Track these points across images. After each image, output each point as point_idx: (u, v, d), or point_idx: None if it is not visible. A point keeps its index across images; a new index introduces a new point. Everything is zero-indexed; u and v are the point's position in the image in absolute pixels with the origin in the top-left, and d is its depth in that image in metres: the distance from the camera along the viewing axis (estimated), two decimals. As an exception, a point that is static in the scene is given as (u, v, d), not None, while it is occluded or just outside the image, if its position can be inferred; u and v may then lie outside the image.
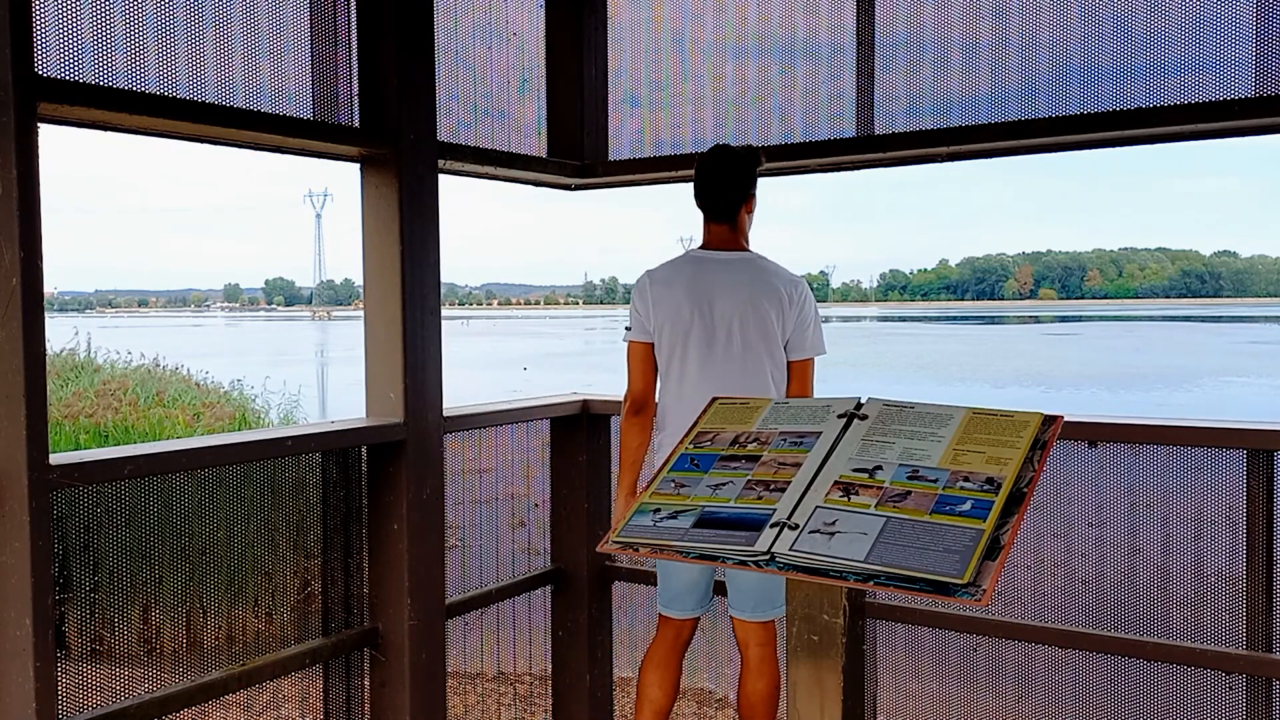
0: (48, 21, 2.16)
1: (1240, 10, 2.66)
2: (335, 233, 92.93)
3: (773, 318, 2.79)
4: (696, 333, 2.82)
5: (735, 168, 2.85)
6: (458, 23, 3.23)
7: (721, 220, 2.88)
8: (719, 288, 2.82)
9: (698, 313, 2.82)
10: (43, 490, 2.08)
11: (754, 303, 2.79)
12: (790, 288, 2.82)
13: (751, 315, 2.79)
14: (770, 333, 2.79)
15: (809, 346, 2.84)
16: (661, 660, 2.96)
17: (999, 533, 1.58)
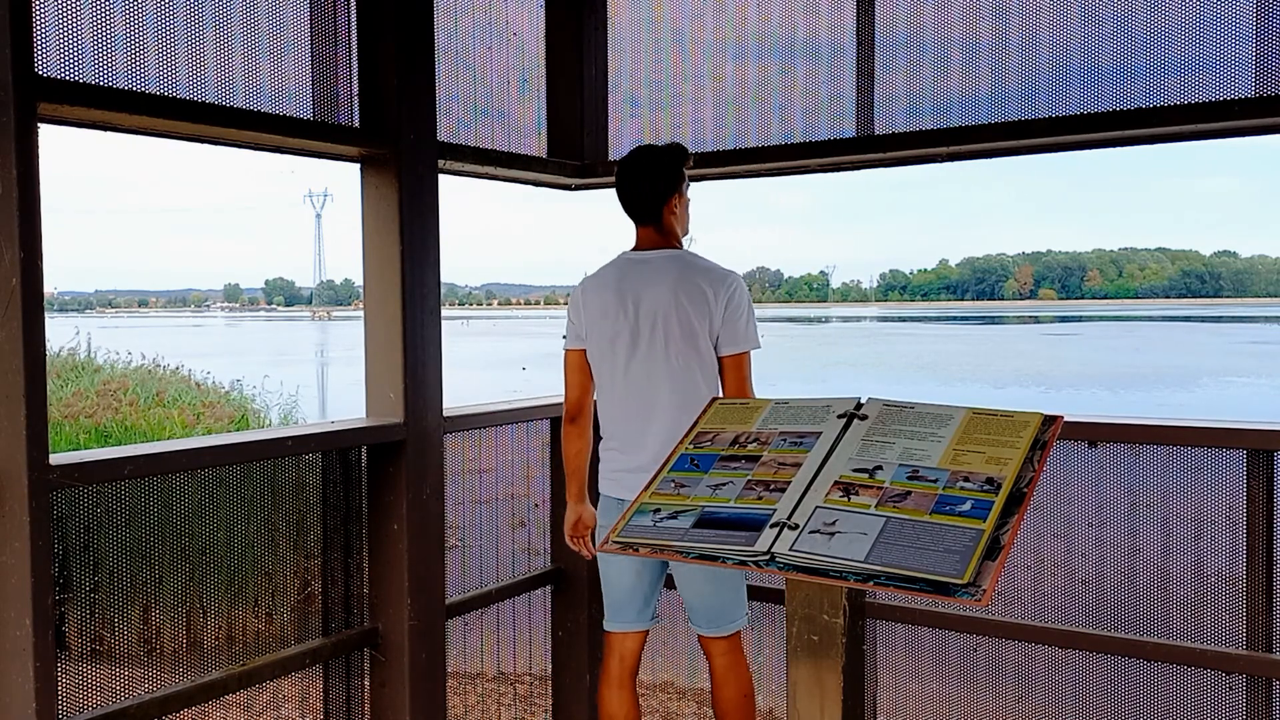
0: (48, 21, 2.16)
1: (1240, 10, 2.66)
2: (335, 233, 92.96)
3: (696, 314, 2.71)
4: (623, 336, 2.76)
5: (654, 169, 2.77)
6: (458, 23, 3.23)
7: (645, 222, 2.81)
8: (643, 288, 2.75)
9: (624, 315, 2.76)
10: (43, 490, 2.08)
11: (676, 301, 2.71)
12: (715, 282, 2.73)
13: (675, 313, 2.72)
14: (694, 330, 2.71)
15: (740, 340, 2.73)
16: (613, 679, 2.87)
17: (999, 533, 1.58)
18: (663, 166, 2.77)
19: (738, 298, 2.74)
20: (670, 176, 2.78)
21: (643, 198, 2.78)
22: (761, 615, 3.39)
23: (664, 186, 2.77)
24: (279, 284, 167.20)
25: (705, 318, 2.71)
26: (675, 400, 2.72)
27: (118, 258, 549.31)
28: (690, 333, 2.71)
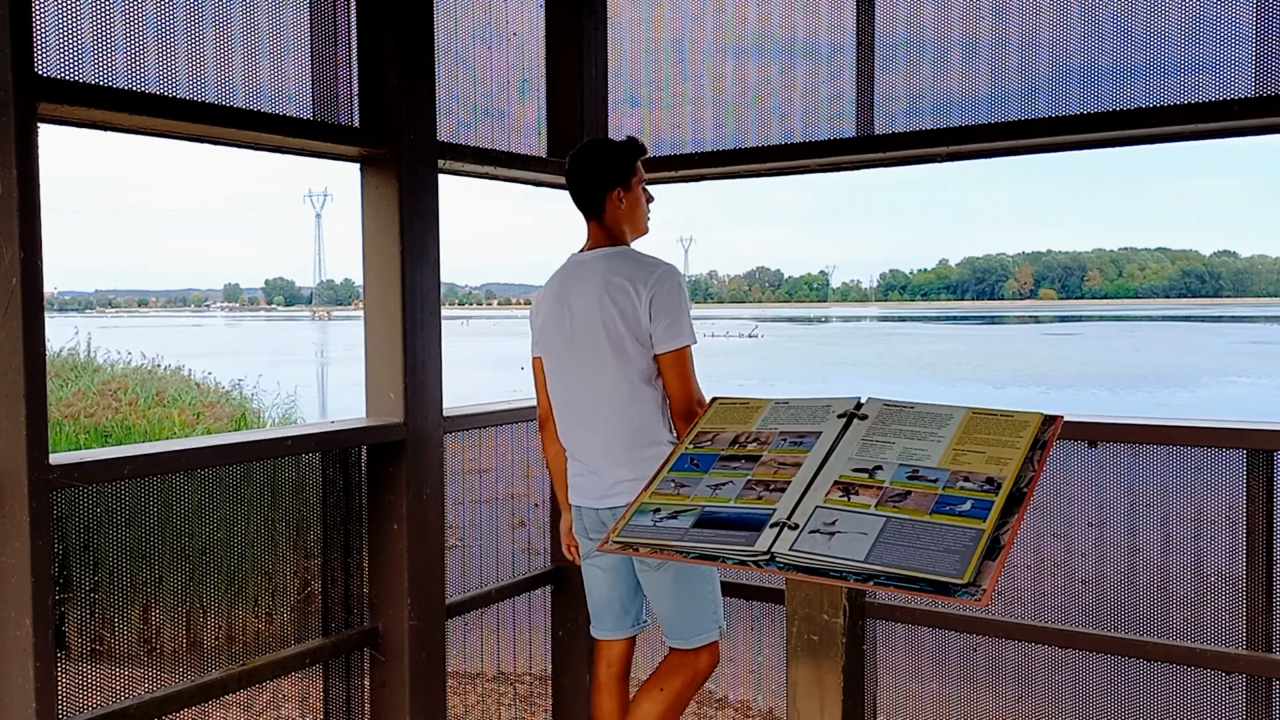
0: (48, 21, 2.16)
1: (1240, 10, 2.66)
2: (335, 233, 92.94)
3: (621, 313, 2.59)
4: (563, 342, 2.70)
5: (596, 158, 2.69)
6: (458, 23, 3.23)
7: (589, 215, 2.72)
8: (578, 291, 2.67)
9: (565, 322, 2.69)
10: (43, 490, 2.08)
11: (602, 302, 2.61)
12: (640, 276, 2.60)
13: (599, 314, 2.61)
14: (617, 330, 2.60)
15: (672, 335, 2.59)
16: (602, 684, 2.83)
17: (999, 533, 1.58)
18: (605, 156, 2.69)
19: (666, 290, 2.59)
20: (613, 168, 2.68)
21: (582, 187, 2.70)
22: (761, 615, 3.40)
23: (605, 177, 2.67)
24: (279, 284, 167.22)
25: (632, 316, 2.59)
26: (611, 406, 2.64)
27: (117, 258, 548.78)
28: (617, 335, 2.61)
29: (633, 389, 2.62)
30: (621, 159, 2.69)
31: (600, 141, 2.77)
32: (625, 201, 2.69)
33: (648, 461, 2.53)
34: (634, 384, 2.62)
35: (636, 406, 2.63)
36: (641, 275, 2.60)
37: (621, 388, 2.62)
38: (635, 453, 2.62)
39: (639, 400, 2.62)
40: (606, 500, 2.65)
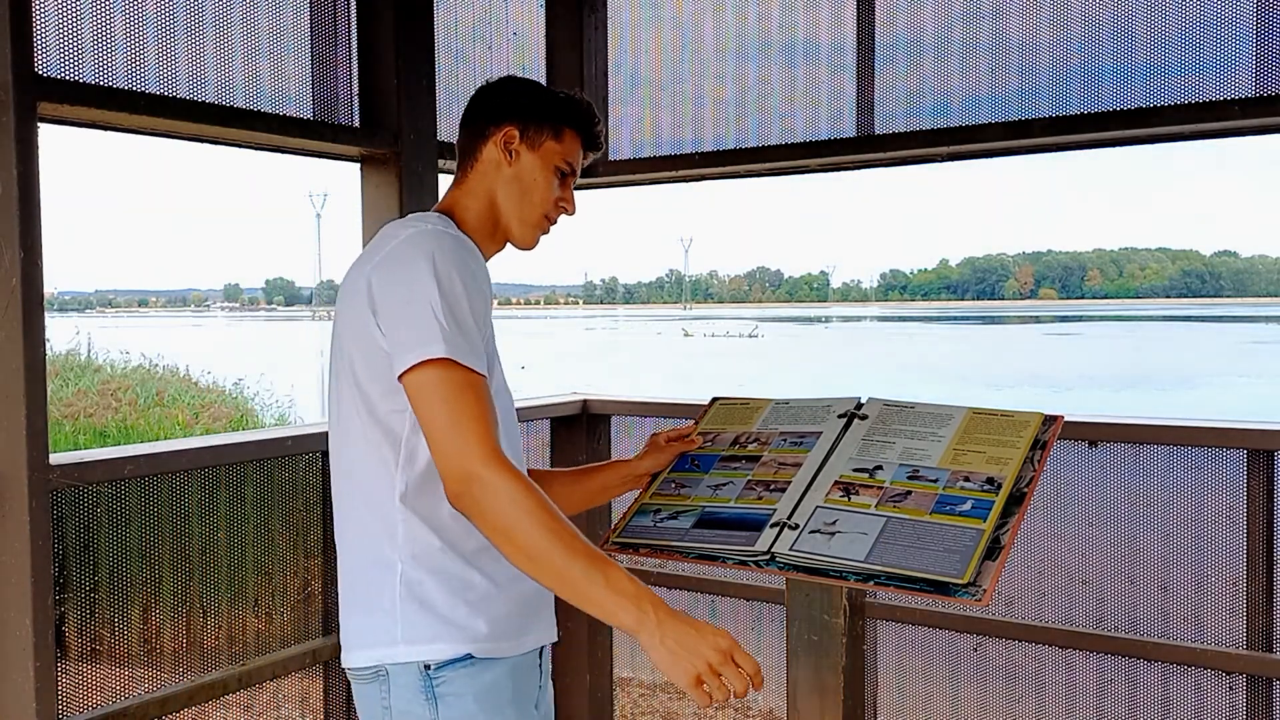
0: (48, 21, 2.16)
1: (1240, 10, 2.66)
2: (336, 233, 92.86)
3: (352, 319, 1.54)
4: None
5: (500, 87, 1.75)
6: (458, 22, 3.23)
7: (457, 166, 1.75)
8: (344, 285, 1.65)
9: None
10: (43, 490, 2.08)
11: (343, 305, 1.59)
12: (384, 243, 1.57)
13: (337, 326, 1.60)
14: (343, 348, 1.56)
15: (405, 342, 1.44)
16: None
17: (999, 533, 1.58)
18: (518, 88, 1.74)
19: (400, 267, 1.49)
20: (522, 102, 1.70)
21: (465, 116, 1.74)
22: (761, 615, 3.40)
23: (502, 107, 1.69)
24: (279, 284, 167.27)
25: (358, 319, 1.52)
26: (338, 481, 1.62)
27: (118, 258, 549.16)
28: (340, 351, 1.58)
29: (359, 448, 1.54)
30: (540, 101, 1.70)
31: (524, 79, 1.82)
32: (514, 158, 1.67)
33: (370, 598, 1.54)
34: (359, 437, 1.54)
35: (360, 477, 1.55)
36: (380, 245, 1.57)
37: (349, 447, 1.57)
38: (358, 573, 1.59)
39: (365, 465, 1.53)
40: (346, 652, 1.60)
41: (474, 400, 1.40)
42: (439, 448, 1.40)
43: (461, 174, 1.70)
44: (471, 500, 1.38)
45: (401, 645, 1.46)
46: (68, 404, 11.14)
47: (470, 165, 1.69)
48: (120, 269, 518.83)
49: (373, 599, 1.51)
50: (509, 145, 1.67)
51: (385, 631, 1.47)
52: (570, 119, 1.71)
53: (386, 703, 1.44)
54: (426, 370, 1.41)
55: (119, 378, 12.99)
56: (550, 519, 1.37)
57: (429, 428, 1.41)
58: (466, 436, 1.38)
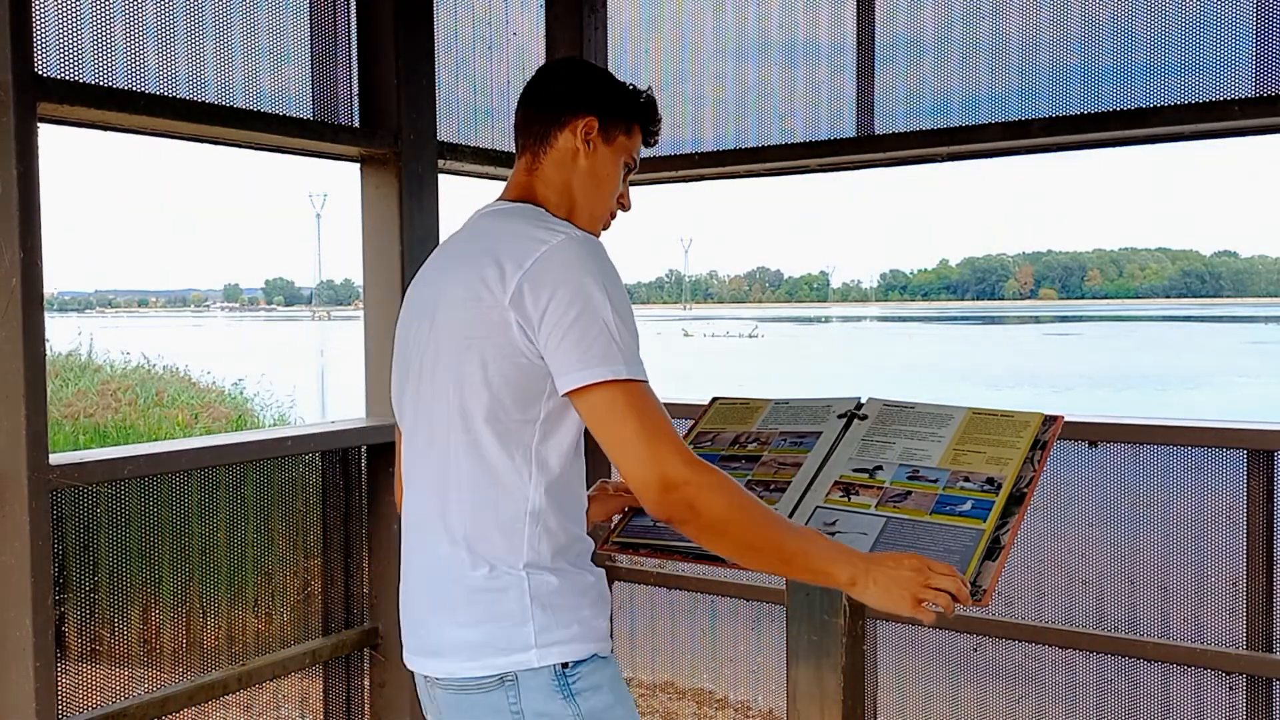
0: (48, 21, 2.16)
1: (1240, 10, 2.66)
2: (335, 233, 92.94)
3: (467, 320, 1.46)
4: (412, 365, 1.60)
5: (575, 72, 1.71)
6: (458, 23, 3.23)
7: (524, 149, 1.65)
8: (434, 276, 1.59)
9: (419, 325, 1.59)
10: (43, 490, 2.08)
11: (458, 285, 1.49)
12: (527, 244, 1.45)
13: (445, 313, 1.51)
14: (457, 351, 1.47)
15: (581, 359, 1.39)
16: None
17: (999, 533, 1.58)
18: (593, 76, 1.70)
19: (571, 284, 1.41)
20: (599, 93, 1.65)
21: (539, 99, 1.67)
22: (761, 615, 3.40)
23: (581, 97, 1.64)
24: (279, 284, 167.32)
25: (498, 327, 1.43)
26: (452, 493, 1.50)
27: (117, 258, 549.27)
28: (457, 356, 1.47)
29: (483, 457, 1.46)
30: (617, 94, 1.67)
31: (592, 64, 1.79)
32: (591, 150, 1.62)
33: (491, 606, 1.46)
34: (487, 446, 1.46)
35: (485, 486, 1.47)
36: (522, 250, 1.44)
37: (467, 457, 1.48)
38: (473, 582, 1.47)
39: (491, 474, 1.46)
40: (437, 660, 1.52)
41: (659, 410, 1.41)
42: (636, 461, 1.38)
43: (533, 160, 1.63)
44: (683, 505, 1.38)
45: (535, 650, 1.44)
46: (67, 404, 11.14)
47: (544, 151, 1.62)
48: (120, 269, 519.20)
49: (493, 606, 1.46)
50: (588, 136, 1.62)
51: (513, 638, 1.44)
52: (641, 114, 1.69)
53: (517, 707, 1.43)
54: (609, 389, 1.39)
55: (119, 378, 12.99)
56: (759, 506, 1.43)
57: (620, 443, 1.39)
58: (664, 446, 1.38)
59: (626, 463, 1.39)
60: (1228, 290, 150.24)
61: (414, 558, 1.59)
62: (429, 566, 1.53)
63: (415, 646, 1.56)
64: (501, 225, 1.52)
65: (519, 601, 1.45)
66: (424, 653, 1.53)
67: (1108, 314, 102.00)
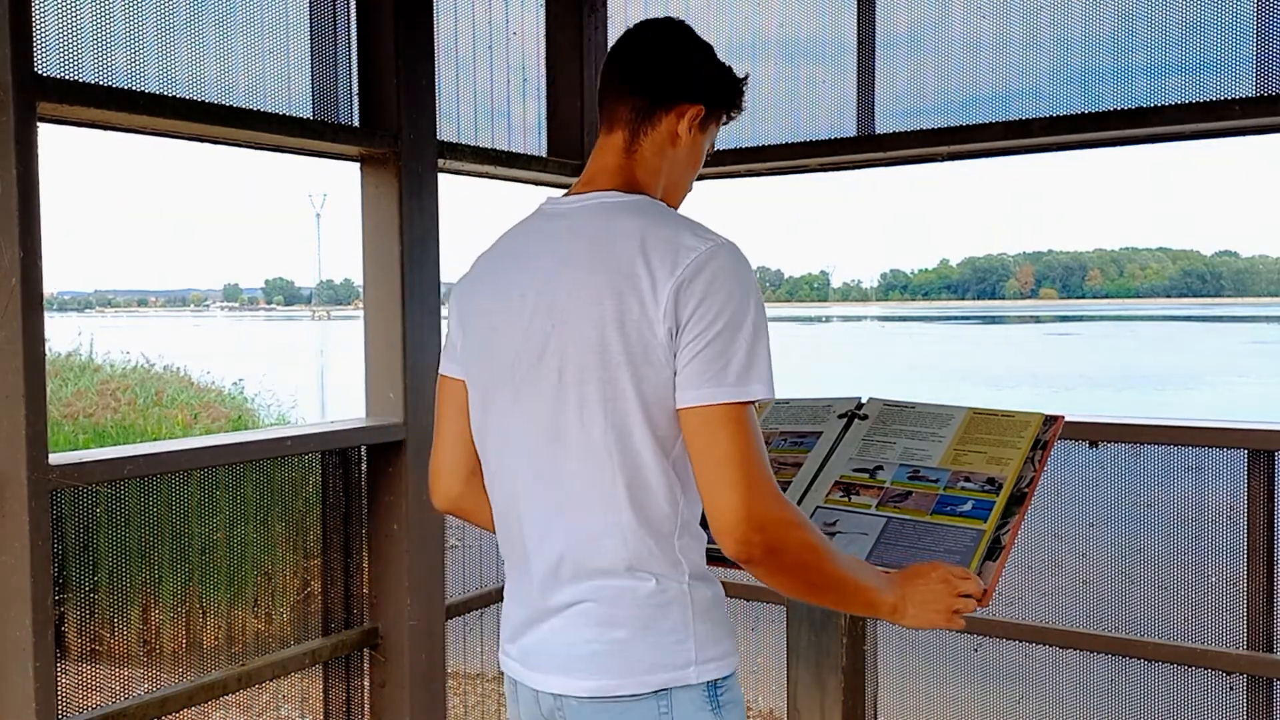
0: (48, 21, 2.16)
1: (1240, 10, 2.66)
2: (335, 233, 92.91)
3: (620, 319, 1.37)
4: (501, 366, 1.48)
5: (691, 46, 1.62)
6: (458, 22, 3.23)
7: (616, 125, 1.53)
8: (542, 262, 1.46)
9: (512, 323, 1.47)
10: (43, 490, 2.07)
11: (588, 288, 1.39)
12: (675, 251, 1.37)
13: (576, 317, 1.40)
14: (608, 347, 1.37)
15: (720, 376, 1.33)
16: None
17: (1000, 533, 1.58)
18: (706, 56, 1.62)
19: (725, 295, 1.35)
20: (709, 77, 1.58)
21: (649, 70, 1.54)
22: (762, 615, 3.39)
23: (693, 79, 1.56)
24: (279, 284, 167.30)
25: (641, 329, 1.36)
26: (591, 497, 1.42)
27: (117, 258, 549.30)
28: (605, 360, 1.38)
29: (637, 468, 1.40)
30: (726, 84, 1.60)
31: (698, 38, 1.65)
32: (691, 137, 1.54)
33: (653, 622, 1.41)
34: (639, 459, 1.40)
35: (642, 500, 1.41)
36: (673, 253, 1.37)
37: (622, 474, 1.40)
38: (637, 608, 1.42)
39: (646, 489, 1.41)
40: (562, 677, 1.45)
41: (761, 440, 1.36)
42: (729, 487, 1.31)
43: (632, 140, 1.52)
44: (764, 547, 1.32)
45: (694, 666, 1.42)
46: (67, 404, 11.14)
47: (645, 133, 1.52)
48: (120, 269, 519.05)
49: (651, 623, 1.41)
50: (692, 124, 1.54)
51: (674, 654, 1.42)
52: (736, 105, 1.62)
53: (669, 716, 1.42)
54: (740, 409, 1.33)
55: (118, 378, 12.98)
56: (826, 547, 1.39)
57: (726, 469, 1.32)
58: (768, 481, 1.33)
59: (717, 486, 1.33)
60: (1228, 290, 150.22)
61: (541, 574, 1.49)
62: (582, 580, 1.45)
63: (542, 664, 1.47)
64: (634, 224, 1.42)
65: (681, 617, 1.42)
66: (554, 670, 1.45)
67: (1108, 314, 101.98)
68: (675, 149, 1.53)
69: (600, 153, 1.53)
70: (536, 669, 1.47)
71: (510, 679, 1.54)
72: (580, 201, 1.48)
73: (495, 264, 1.54)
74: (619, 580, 1.41)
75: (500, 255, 1.54)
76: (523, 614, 1.50)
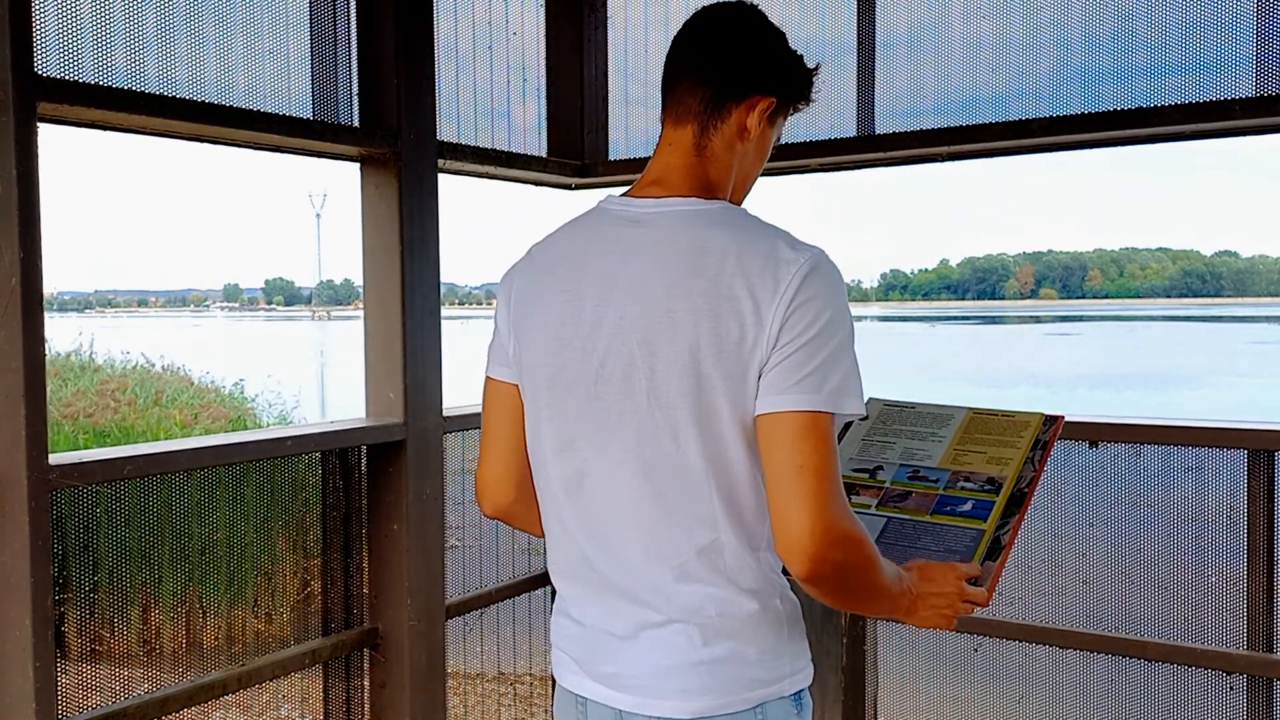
0: (48, 21, 2.16)
1: (1240, 10, 2.66)
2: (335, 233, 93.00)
3: (715, 334, 1.32)
4: (570, 372, 1.41)
5: (766, 34, 1.50)
6: (458, 23, 3.23)
7: (683, 120, 1.45)
8: (622, 273, 1.39)
9: (576, 329, 1.41)
10: (43, 490, 2.07)
11: (680, 303, 1.34)
12: (776, 266, 1.32)
13: (672, 329, 1.34)
14: (706, 367, 1.32)
15: (810, 385, 1.29)
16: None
17: (1000, 533, 1.58)
18: (780, 44, 1.53)
19: (826, 306, 1.32)
20: (783, 67, 1.52)
21: (722, 57, 1.45)
22: (761, 615, 3.39)
23: (769, 69, 1.49)
24: (279, 284, 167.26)
25: (737, 344, 1.31)
26: (660, 511, 1.38)
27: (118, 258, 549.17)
28: (698, 374, 1.33)
29: (710, 483, 1.36)
30: (798, 75, 1.55)
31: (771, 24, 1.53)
32: (760, 130, 1.49)
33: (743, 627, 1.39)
34: (715, 476, 1.36)
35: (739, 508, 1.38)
36: (775, 263, 1.32)
37: (692, 476, 1.36)
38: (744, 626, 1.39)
39: (742, 509, 1.37)
40: (660, 699, 1.40)
41: (837, 453, 1.32)
42: (812, 505, 1.26)
43: (702, 135, 1.44)
44: (833, 565, 1.29)
45: (787, 679, 1.43)
46: (67, 404, 11.13)
47: (716, 127, 1.45)
48: (120, 269, 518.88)
49: (754, 640, 1.40)
50: (761, 119, 1.48)
51: (772, 670, 1.42)
52: (806, 97, 1.58)
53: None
54: (827, 421, 1.29)
55: (118, 378, 12.98)
56: (878, 559, 1.37)
57: (806, 480, 1.27)
58: (843, 496, 1.30)
59: (792, 498, 1.28)
60: (1228, 290, 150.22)
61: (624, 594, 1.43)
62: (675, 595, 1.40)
63: (636, 686, 1.41)
64: (724, 237, 1.36)
65: (777, 632, 1.41)
66: (651, 692, 1.40)
67: (1108, 314, 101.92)
68: (745, 143, 1.47)
69: (669, 149, 1.46)
70: (623, 689, 1.42)
71: (577, 697, 1.48)
72: (657, 208, 1.41)
73: (556, 267, 1.46)
74: (719, 600, 1.38)
75: (563, 258, 1.46)
76: (597, 633, 1.45)
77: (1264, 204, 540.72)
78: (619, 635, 1.42)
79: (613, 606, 1.42)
